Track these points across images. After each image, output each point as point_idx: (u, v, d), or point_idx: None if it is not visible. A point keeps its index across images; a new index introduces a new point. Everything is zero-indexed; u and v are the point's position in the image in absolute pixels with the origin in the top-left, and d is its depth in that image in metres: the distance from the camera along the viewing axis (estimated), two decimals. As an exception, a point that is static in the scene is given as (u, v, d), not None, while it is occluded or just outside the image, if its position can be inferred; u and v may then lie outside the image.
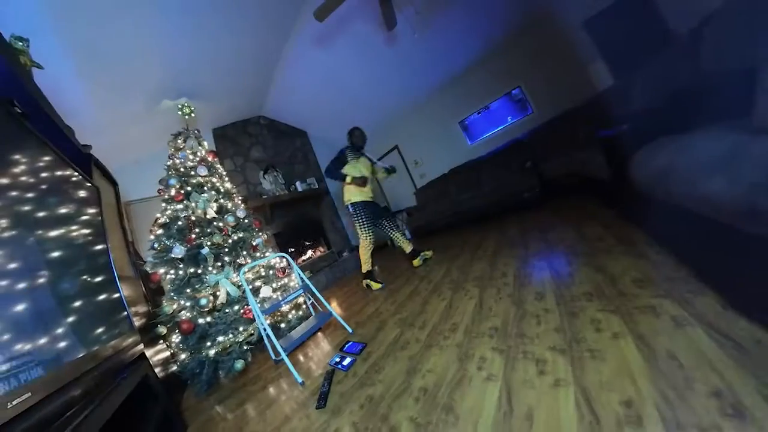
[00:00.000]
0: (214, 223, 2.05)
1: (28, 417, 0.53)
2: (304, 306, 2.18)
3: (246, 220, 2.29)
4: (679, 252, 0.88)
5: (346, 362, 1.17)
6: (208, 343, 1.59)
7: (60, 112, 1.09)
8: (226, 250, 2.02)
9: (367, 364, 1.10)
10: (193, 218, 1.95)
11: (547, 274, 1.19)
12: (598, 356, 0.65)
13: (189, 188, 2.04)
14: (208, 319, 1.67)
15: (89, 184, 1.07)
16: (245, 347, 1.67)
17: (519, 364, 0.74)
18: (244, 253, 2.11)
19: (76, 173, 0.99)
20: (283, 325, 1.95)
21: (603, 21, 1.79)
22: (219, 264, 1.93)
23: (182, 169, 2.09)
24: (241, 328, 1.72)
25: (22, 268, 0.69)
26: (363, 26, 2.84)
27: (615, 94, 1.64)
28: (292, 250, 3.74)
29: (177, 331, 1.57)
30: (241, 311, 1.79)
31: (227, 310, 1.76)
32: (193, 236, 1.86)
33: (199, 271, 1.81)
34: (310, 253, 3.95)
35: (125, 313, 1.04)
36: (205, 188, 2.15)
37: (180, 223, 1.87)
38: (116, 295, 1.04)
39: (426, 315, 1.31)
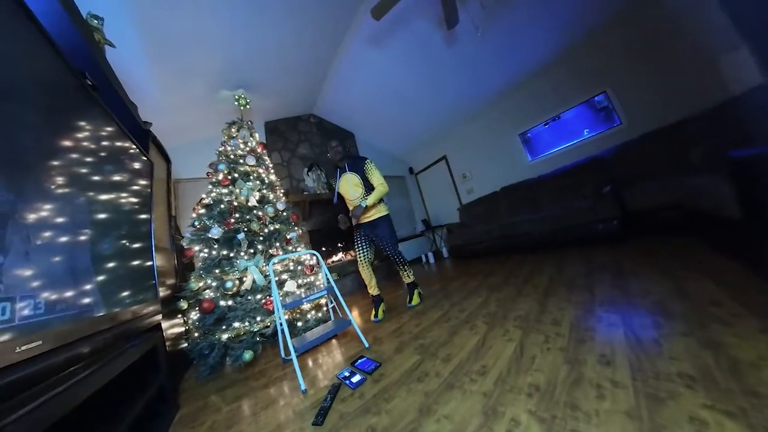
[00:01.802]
0: (254, 211, 2.19)
1: (32, 365, 0.56)
2: (324, 308, 2.17)
3: (284, 213, 2.40)
4: None
5: (355, 379, 1.10)
6: (224, 327, 1.66)
7: (127, 89, 1.27)
8: (261, 238, 2.13)
9: (376, 387, 1.01)
10: (235, 203, 2.11)
11: (621, 333, 0.92)
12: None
13: (236, 175, 2.23)
14: (230, 302, 1.75)
15: (145, 158, 1.22)
16: (257, 338, 1.71)
17: (567, 445, 0.56)
18: (278, 244, 2.21)
19: (134, 146, 1.13)
20: (300, 324, 1.95)
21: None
22: (251, 251, 2.04)
23: (232, 157, 2.30)
24: (258, 318, 1.76)
25: (68, 223, 0.77)
26: (421, 25, 2.80)
27: (763, 98, 1.25)
28: (324, 249, 3.84)
29: (197, 308, 1.67)
30: (263, 301, 1.85)
31: (249, 297, 1.83)
32: (232, 220, 2.01)
33: (231, 255, 1.93)
34: (340, 255, 4.01)
35: (153, 281, 1.12)
36: (251, 177, 2.33)
37: (222, 206, 2.04)
38: (149, 263, 1.13)
39: (452, 347, 1.16)
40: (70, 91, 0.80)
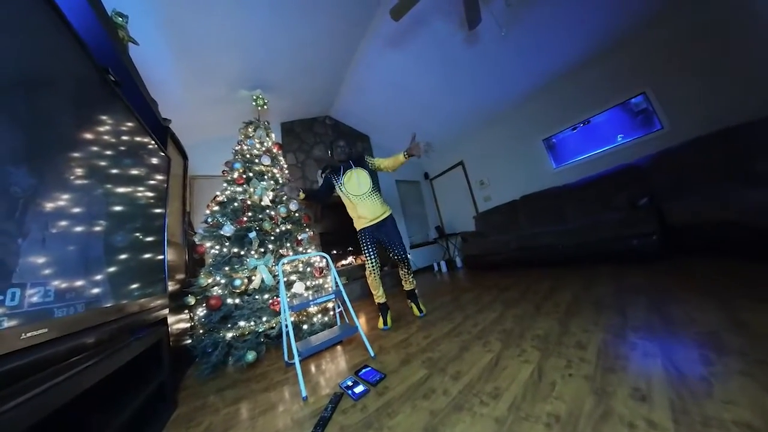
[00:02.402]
0: (267, 210, 2.23)
1: (35, 352, 0.57)
2: (331, 313, 2.15)
3: (296, 214, 2.43)
4: None
5: (358, 390, 1.07)
6: (229, 325, 1.68)
7: (148, 86, 1.32)
8: (272, 238, 2.15)
9: (380, 400, 0.97)
10: (248, 202, 2.16)
11: (659, 366, 0.83)
12: None
13: (251, 174, 2.28)
14: (237, 300, 1.77)
15: (162, 154, 1.26)
16: (262, 339, 1.71)
17: (594, 490, 0.49)
18: (288, 244, 2.23)
19: (153, 142, 1.17)
20: (305, 327, 1.94)
21: None
22: (262, 250, 2.06)
23: (248, 156, 2.37)
24: (264, 318, 1.77)
25: (84, 213, 0.79)
26: (441, 25, 2.77)
27: None
28: (334, 252, 3.85)
29: (204, 304, 1.70)
30: (270, 301, 1.86)
31: (257, 297, 1.84)
32: (245, 219, 2.05)
33: (242, 253, 1.96)
34: (350, 259, 4.00)
35: (163, 276, 1.15)
36: (265, 177, 2.37)
37: (236, 204, 2.09)
38: (160, 257, 1.16)
39: (463, 364, 1.10)
40: (94, 85, 0.84)
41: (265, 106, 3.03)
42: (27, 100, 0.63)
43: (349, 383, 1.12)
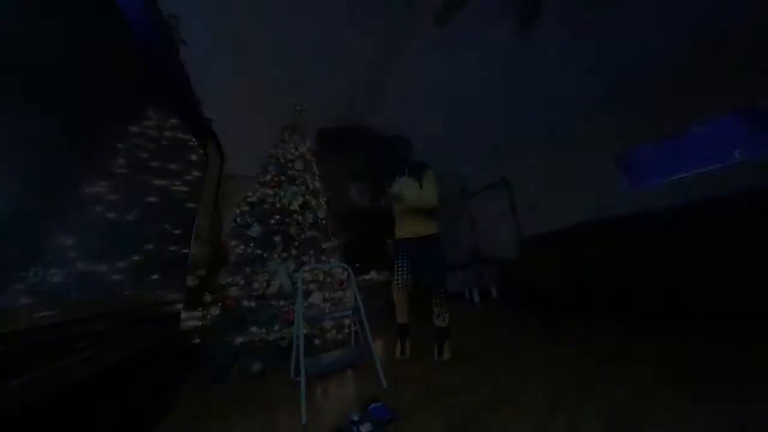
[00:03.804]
0: (295, 215, 2.29)
1: (42, 332, 0.59)
2: (346, 330, 2.09)
3: (323, 222, 2.47)
4: None
5: (363, 429, 0.97)
6: (240, 329, 1.69)
7: (195, 86, 1.45)
8: (297, 244, 2.19)
9: (386, 446, 0.86)
10: (278, 205, 2.24)
11: None
12: None
13: (283, 178, 2.38)
14: (252, 304, 1.80)
15: (202, 152, 1.35)
16: (272, 347, 1.70)
17: None
18: (311, 252, 2.25)
19: (194, 140, 1.26)
20: (317, 342, 1.90)
21: None
22: (285, 254, 2.10)
23: (282, 160, 2.48)
24: (276, 327, 1.77)
25: (118, 201, 0.85)
26: (492, 26, 2.64)
27: None
28: (357, 265, 3.82)
29: (220, 304, 1.75)
30: (285, 309, 1.86)
31: (272, 303, 1.85)
32: (273, 222, 2.12)
33: (265, 255, 2.01)
34: (373, 273, 3.93)
35: (184, 269, 1.19)
36: (297, 182, 2.46)
37: (265, 206, 2.18)
38: (185, 251, 1.21)
39: (494, 425, 0.92)
40: (146, 82, 0.92)
41: (303, 113, 3.20)
42: (84, 93, 0.70)
43: (355, 418, 1.03)
